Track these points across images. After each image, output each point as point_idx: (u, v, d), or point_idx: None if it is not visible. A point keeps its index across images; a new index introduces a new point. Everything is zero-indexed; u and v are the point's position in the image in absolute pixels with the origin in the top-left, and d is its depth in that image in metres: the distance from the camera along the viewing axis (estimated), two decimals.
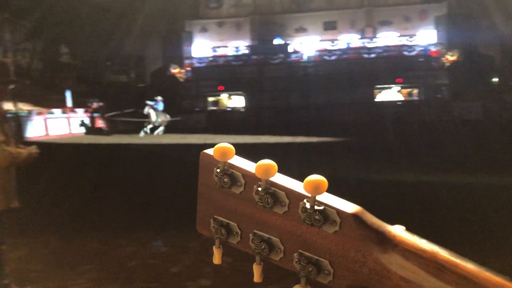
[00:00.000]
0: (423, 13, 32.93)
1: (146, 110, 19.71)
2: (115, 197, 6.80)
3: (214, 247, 0.50)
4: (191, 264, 3.78)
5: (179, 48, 34.01)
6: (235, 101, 32.68)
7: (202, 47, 34.84)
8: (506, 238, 4.07)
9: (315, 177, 0.44)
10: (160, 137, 18.82)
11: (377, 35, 33.40)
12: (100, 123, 23.68)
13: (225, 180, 0.48)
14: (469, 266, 0.40)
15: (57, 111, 22.53)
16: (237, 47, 34.06)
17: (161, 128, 19.87)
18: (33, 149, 3.19)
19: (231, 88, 30.88)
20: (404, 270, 0.41)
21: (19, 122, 18.77)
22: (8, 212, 3.13)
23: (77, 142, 17.67)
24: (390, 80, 29.70)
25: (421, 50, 31.44)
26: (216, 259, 0.51)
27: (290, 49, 32.84)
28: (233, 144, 0.48)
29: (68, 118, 23.07)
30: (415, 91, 31.49)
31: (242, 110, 30.49)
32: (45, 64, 31.24)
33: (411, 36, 32.54)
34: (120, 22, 28.74)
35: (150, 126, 19.63)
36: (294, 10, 34.92)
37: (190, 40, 34.80)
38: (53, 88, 27.74)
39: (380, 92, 31.30)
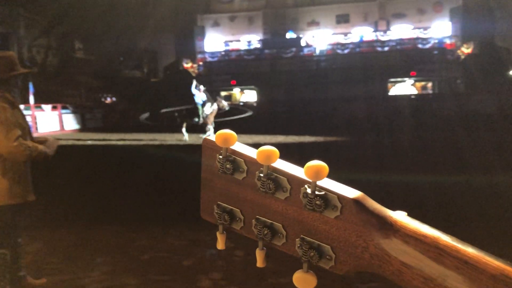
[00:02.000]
0: (437, 5, 32.53)
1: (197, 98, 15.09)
2: (128, 192, 6.89)
3: (217, 233, 0.50)
4: (203, 257, 3.82)
5: (192, 42, 34.07)
6: (248, 96, 32.67)
7: (215, 41, 34.84)
8: None
9: (315, 163, 0.44)
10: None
11: (390, 28, 33.11)
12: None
13: (228, 166, 0.48)
14: (470, 250, 0.40)
15: (71, 106, 22.77)
16: (249, 41, 34.01)
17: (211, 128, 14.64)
18: (51, 143, 3.23)
19: (244, 83, 30.85)
20: (405, 255, 0.41)
21: (34, 116, 19.02)
22: (25, 205, 3.20)
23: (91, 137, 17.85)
24: (404, 73, 29.42)
25: (436, 42, 31.08)
26: (220, 244, 0.51)
27: (302, 43, 32.69)
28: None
29: (82, 113, 23.30)
30: (429, 84, 31.20)
31: (255, 104, 30.49)
32: (59, 59, 31.57)
33: (425, 28, 32.18)
34: (133, 17, 28.89)
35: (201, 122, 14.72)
36: (306, 3, 34.74)
37: (202, 35, 34.84)
38: (68, 83, 28.02)
39: (394, 85, 31.05)
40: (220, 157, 0.48)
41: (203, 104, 15.00)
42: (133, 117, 20.60)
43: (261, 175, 0.47)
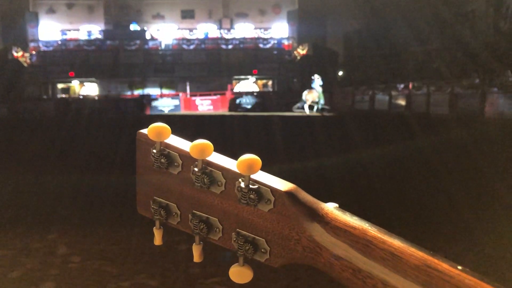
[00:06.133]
0: (276, 7, 34.52)
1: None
2: None
3: (154, 229, 0.49)
4: (34, 267, 3.43)
5: (23, 29, 30.92)
6: (88, 89, 30.85)
7: (50, 29, 32.08)
8: None
9: (248, 156, 0.43)
10: None
11: (234, 27, 34.13)
12: None
13: (162, 160, 0.47)
14: (395, 242, 0.40)
15: None
16: (89, 31, 32.04)
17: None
18: None
19: (83, 75, 29.06)
20: (335, 247, 0.42)
21: None
22: None
23: None
24: (247, 71, 30.67)
25: (275, 43, 32.97)
26: (157, 240, 0.50)
27: (147, 35, 31.91)
28: None
29: None
30: (270, 82, 33.03)
31: (96, 98, 28.91)
32: None
33: (266, 29, 33.88)
34: None
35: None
36: None
37: (35, 22, 31.83)
38: None
39: (238, 82, 32.19)
40: (154, 151, 0.47)
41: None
42: None
43: (196, 169, 0.46)
